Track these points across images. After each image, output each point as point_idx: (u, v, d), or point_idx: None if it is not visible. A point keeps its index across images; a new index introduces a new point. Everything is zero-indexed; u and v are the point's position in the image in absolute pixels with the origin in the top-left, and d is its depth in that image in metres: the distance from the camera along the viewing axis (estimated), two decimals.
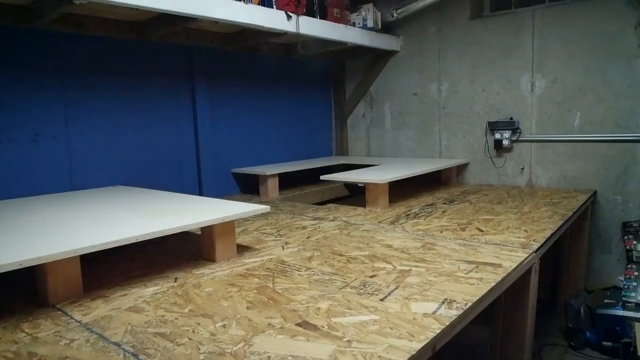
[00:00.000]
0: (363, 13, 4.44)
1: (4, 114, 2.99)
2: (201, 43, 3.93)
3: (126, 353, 1.39)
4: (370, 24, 4.44)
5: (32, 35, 3.09)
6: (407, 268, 2.07)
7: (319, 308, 1.67)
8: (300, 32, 3.76)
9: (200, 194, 3.99)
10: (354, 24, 4.43)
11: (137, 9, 2.87)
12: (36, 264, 1.66)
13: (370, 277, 1.98)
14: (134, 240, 1.89)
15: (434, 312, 1.60)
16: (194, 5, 3.01)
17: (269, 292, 1.83)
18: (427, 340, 1.41)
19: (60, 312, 1.72)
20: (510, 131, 4.17)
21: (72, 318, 1.66)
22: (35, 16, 2.94)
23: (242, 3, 3.31)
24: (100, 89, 3.46)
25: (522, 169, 4.21)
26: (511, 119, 4.18)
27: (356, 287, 1.86)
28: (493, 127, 4.27)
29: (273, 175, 4.12)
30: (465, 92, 4.48)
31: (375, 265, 2.13)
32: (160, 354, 1.38)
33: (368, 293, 1.79)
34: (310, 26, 3.86)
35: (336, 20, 4.18)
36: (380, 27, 4.56)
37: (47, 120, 3.18)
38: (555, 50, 3.92)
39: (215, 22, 3.28)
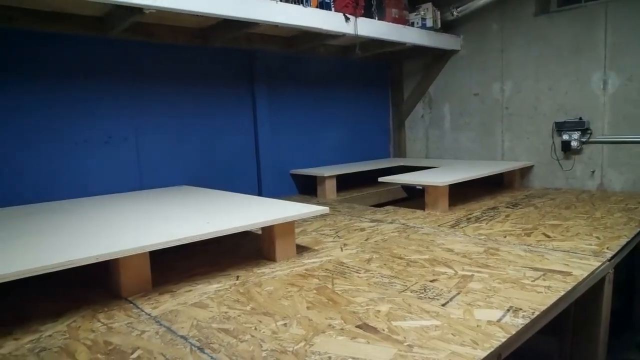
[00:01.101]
0: (422, 12, 4.37)
1: (81, 117, 3.20)
2: (261, 47, 4.02)
3: (192, 347, 1.45)
4: (429, 23, 4.36)
5: (106, 45, 3.29)
6: (469, 273, 2.01)
7: (379, 311, 1.66)
8: (359, 33, 3.76)
9: (260, 194, 4.08)
10: (412, 24, 4.37)
11: (202, 15, 2.99)
12: (110, 258, 1.76)
13: (430, 281, 1.94)
14: (199, 239, 1.96)
15: (499, 320, 1.54)
16: (256, 11, 3.09)
17: (329, 293, 1.84)
18: (492, 349, 1.37)
19: (131, 304, 1.81)
20: (579, 132, 3.95)
21: (143, 311, 1.75)
22: (109, 26, 3.12)
23: (301, 7, 3.36)
24: (166, 94, 3.62)
25: (593, 172, 3.98)
26: (580, 119, 3.96)
27: (416, 291, 1.83)
28: (560, 127, 4.07)
29: (331, 177, 4.14)
30: (530, 92, 4.29)
31: (435, 269, 2.09)
32: (225, 349, 1.42)
33: (429, 297, 1.76)
34: (369, 27, 3.85)
35: (395, 20, 4.15)
36: (439, 26, 4.47)
37: (119, 124, 3.37)
38: (631, 46, 3.68)
39: (276, 26, 3.35)
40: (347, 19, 3.66)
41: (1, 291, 1.94)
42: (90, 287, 2.03)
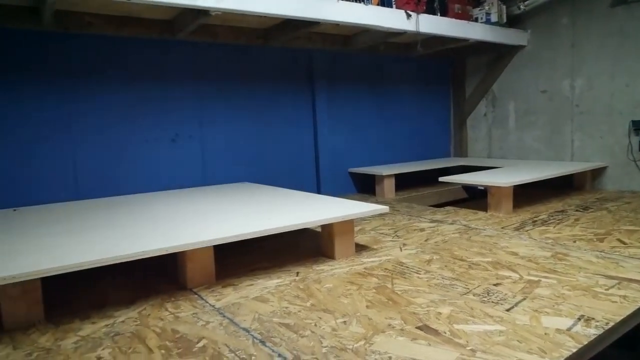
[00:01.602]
0: (486, 7, 4.23)
1: (150, 116, 3.37)
2: (321, 46, 4.05)
3: (255, 339, 1.49)
4: (494, 18, 4.21)
5: (173, 47, 3.44)
6: (536, 279, 1.93)
7: (440, 313, 1.62)
8: (420, 30, 3.69)
9: (318, 192, 4.12)
10: (476, 20, 4.24)
11: (265, 16, 3.06)
12: (178, 251, 1.84)
13: (494, 285, 1.88)
14: (261, 235, 2.01)
15: (569, 329, 1.47)
16: (318, 10, 3.11)
17: (388, 293, 1.83)
18: (562, 359, 1.30)
19: (196, 295, 1.89)
20: None
21: (207, 302, 1.82)
22: (177, 29, 3.26)
23: (362, 5, 3.35)
24: (229, 93, 3.73)
25: None
26: None
27: (479, 295, 1.78)
28: (638, 127, 3.80)
29: (389, 176, 4.11)
30: (604, 89, 4.04)
31: (499, 273, 2.02)
32: (286, 343, 1.45)
33: (492, 302, 1.71)
34: (430, 24, 3.78)
35: (457, 16, 4.04)
36: (505, 21, 4.31)
37: (185, 122, 3.52)
38: None
39: (336, 24, 3.36)
40: (408, 15, 3.60)
41: (79, 278, 2.08)
42: (159, 277, 2.13)
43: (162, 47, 3.40)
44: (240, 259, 2.37)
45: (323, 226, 2.32)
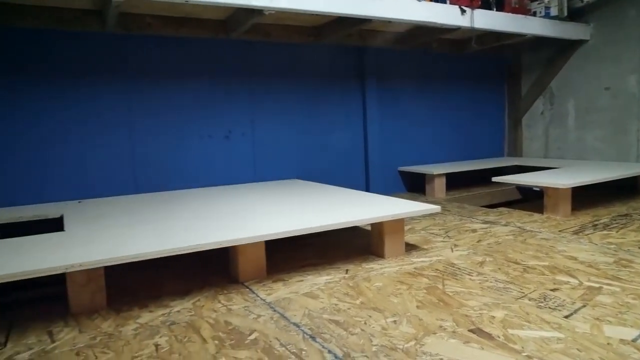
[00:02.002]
0: (546, 1, 4.06)
1: (205, 114, 3.47)
2: (372, 43, 4.02)
3: (305, 334, 1.50)
4: (554, 12, 4.04)
5: (227, 46, 3.52)
6: (597, 285, 1.84)
7: (494, 317, 1.58)
8: (475, 26, 3.60)
9: (367, 190, 4.10)
10: (534, 14, 4.08)
11: (317, 14, 3.07)
12: (231, 245, 1.89)
13: (551, 290, 1.81)
14: (311, 231, 2.02)
15: (635, 340, 1.39)
16: (370, 7, 3.10)
17: (439, 294, 1.80)
18: None
19: (248, 289, 1.93)
20: None
21: (258, 296, 1.85)
22: (231, 28, 3.34)
23: (415, 1, 3.30)
24: (280, 91, 3.78)
25: None
26: None
27: (535, 300, 1.72)
28: None
29: (440, 175, 4.03)
30: None
31: (556, 277, 1.94)
32: (335, 340, 1.46)
33: (549, 307, 1.64)
34: (486, 19, 3.67)
35: (514, 10, 3.90)
36: (565, 14, 4.11)
37: (238, 120, 3.60)
38: None
39: (389, 22, 3.33)
40: (462, 11, 3.52)
41: (138, 269, 2.18)
42: (211, 270, 2.20)
43: (216, 46, 3.49)
44: (290, 254, 2.41)
45: (373, 224, 2.31)
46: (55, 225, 2.49)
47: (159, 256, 1.72)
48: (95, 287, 1.76)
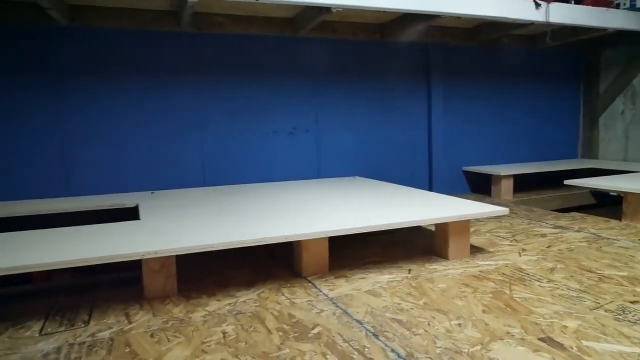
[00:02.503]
0: None
1: (270, 111, 3.55)
2: (439, 40, 3.94)
3: (368, 332, 1.51)
4: None
5: (293, 44, 3.57)
6: None
7: (566, 326, 1.51)
8: (550, 20, 3.42)
9: (430, 189, 4.03)
10: (617, 6, 3.82)
11: (384, 11, 3.05)
12: (296, 239, 1.93)
13: (631, 302, 1.70)
14: (375, 229, 2.02)
15: None
16: (438, 3, 3.03)
17: (506, 299, 1.74)
18: None
19: (310, 284, 1.96)
20: None
21: (321, 291, 1.88)
22: (298, 26, 3.39)
23: None
24: (344, 88, 3.79)
25: None
26: None
27: (612, 311, 1.62)
28: None
29: (508, 176, 3.88)
30: None
31: (636, 289, 1.82)
32: (399, 339, 1.45)
33: (629, 321, 1.54)
34: (563, 13, 3.48)
35: (595, 3, 3.67)
36: None
37: (302, 116, 3.66)
38: None
39: (458, 17, 3.25)
40: (537, 5, 3.36)
41: (205, 258, 2.27)
42: (275, 263, 2.25)
43: (283, 44, 3.55)
44: (352, 251, 2.42)
45: (437, 225, 2.27)
46: (130, 214, 2.65)
47: (227, 247, 1.79)
48: (167, 273, 1.86)
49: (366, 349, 1.39)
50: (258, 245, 1.84)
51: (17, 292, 1.97)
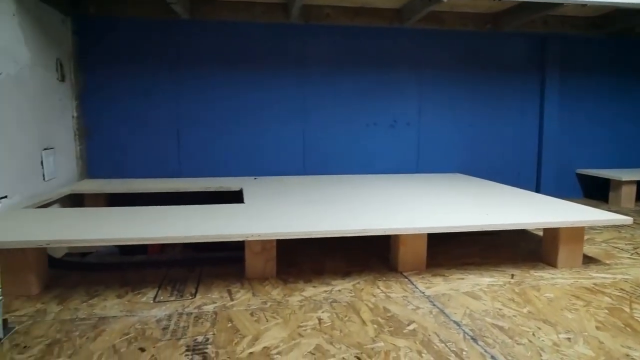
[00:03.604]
0: None
1: (372, 103, 3.54)
2: (558, 30, 3.64)
3: (466, 334, 1.45)
4: None
5: (399, 35, 3.51)
6: None
7: None
8: None
9: (537, 191, 3.77)
10: None
11: (497, 0, 2.88)
12: (394, 234, 1.91)
13: None
14: (477, 229, 1.94)
15: None
16: None
17: (625, 318, 1.58)
18: None
19: (406, 280, 1.93)
20: None
21: (417, 288, 1.84)
22: (406, 17, 3.32)
23: None
24: (449, 81, 3.65)
25: None
26: None
27: None
28: None
29: (630, 182, 3.51)
30: None
31: None
32: (499, 346, 1.38)
33: None
34: None
35: None
36: None
37: (404, 109, 3.60)
38: None
39: (583, 5, 2.97)
40: None
41: (303, 244, 2.33)
42: (370, 255, 2.25)
43: (387, 35, 3.50)
44: (450, 250, 2.34)
45: (546, 230, 2.11)
46: (234, 197, 2.79)
47: (326, 236, 1.81)
48: (268, 256, 1.93)
49: (464, 352, 1.34)
50: (356, 236, 1.85)
51: (135, 261, 2.17)
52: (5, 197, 1.39)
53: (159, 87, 3.24)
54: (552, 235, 2.09)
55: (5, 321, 1.38)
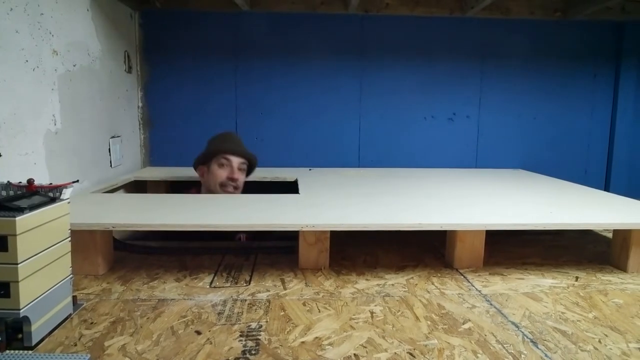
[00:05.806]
0: None
1: (430, 95, 3.46)
2: (638, 17, 3.39)
3: (525, 337, 1.39)
4: None
5: (460, 25, 3.40)
6: None
7: None
8: None
9: (606, 190, 3.55)
10: None
11: None
12: (451, 229, 1.86)
13: None
14: (540, 227, 1.85)
15: None
16: None
17: None
18: None
19: (462, 277, 1.88)
20: None
21: (473, 286, 1.79)
22: (469, 6, 3.20)
23: None
24: (512, 74, 3.51)
25: None
26: None
27: None
28: None
29: None
30: None
31: None
32: (561, 351, 1.31)
33: None
34: None
35: None
36: None
37: (464, 102, 3.49)
38: None
39: None
40: None
41: (356, 237, 2.32)
42: (424, 251, 2.20)
43: (448, 25, 3.40)
44: (509, 249, 2.25)
45: (616, 231, 1.98)
46: (289, 187, 2.83)
47: (381, 229, 1.80)
48: (321, 247, 1.94)
49: (523, 356, 1.29)
50: (407, 231, 1.82)
51: (194, 247, 2.24)
52: (77, 181, 1.47)
53: (219, 78, 3.32)
54: (622, 237, 1.96)
55: (75, 298, 1.47)
